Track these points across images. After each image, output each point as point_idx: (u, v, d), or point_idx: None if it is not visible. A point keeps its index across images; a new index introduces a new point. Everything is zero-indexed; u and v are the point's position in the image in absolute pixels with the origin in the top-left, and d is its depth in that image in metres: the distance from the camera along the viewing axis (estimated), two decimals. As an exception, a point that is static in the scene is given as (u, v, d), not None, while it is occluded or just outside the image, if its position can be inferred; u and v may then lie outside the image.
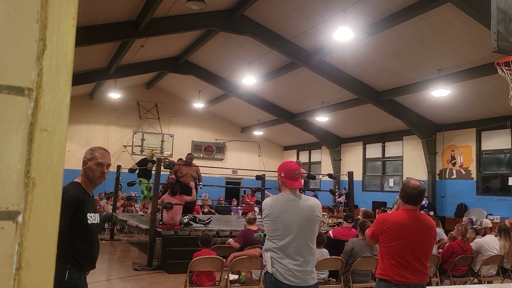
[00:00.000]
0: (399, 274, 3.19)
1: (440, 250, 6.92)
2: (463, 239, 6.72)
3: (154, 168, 11.66)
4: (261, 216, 3.49)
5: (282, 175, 3.40)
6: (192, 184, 9.34)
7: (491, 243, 6.89)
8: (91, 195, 3.06)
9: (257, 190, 12.61)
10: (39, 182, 0.65)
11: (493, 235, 7.14)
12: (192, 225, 8.84)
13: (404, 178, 13.51)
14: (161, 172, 8.96)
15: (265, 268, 3.39)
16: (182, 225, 8.67)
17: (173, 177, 9.59)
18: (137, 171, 11.69)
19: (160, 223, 8.81)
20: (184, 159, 10.42)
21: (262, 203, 3.54)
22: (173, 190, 8.72)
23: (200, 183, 9.91)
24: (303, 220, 3.29)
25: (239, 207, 14.89)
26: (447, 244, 6.82)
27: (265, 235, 3.53)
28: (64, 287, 2.74)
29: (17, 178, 0.63)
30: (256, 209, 12.95)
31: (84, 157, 2.94)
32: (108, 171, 2.99)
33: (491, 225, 7.36)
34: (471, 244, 6.95)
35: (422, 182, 3.48)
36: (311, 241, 3.33)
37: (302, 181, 3.51)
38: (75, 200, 2.82)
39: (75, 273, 2.82)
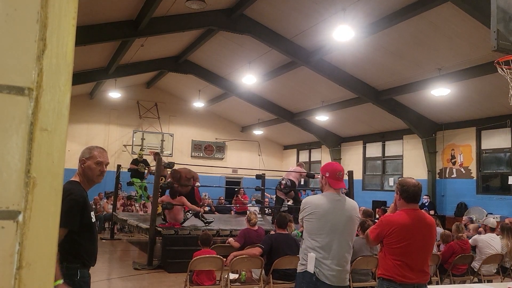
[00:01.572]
0: (402, 274, 3.19)
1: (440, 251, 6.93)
2: (461, 238, 6.72)
3: (143, 169, 11.76)
4: (301, 214, 3.47)
5: (327, 175, 3.43)
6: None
7: (490, 241, 6.88)
8: None
9: (257, 189, 12.60)
10: (40, 182, 0.65)
11: (494, 234, 7.13)
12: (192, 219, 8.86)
13: (405, 177, 13.48)
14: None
15: (302, 268, 3.36)
16: (185, 220, 8.68)
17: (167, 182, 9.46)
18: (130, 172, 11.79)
19: (162, 222, 8.83)
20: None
21: (303, 201, 3.53)
22: (172, 193, 8.69)
23: (197, 183, 9.81)
24: (347, 220, 3.34)
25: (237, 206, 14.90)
26: (446, 244, 6.82)
27: (302, 233, 3.54)
28: (76, 286, 2.78)
29: (17, 177, 0.63)
30: (256, 208, 12.96)
31: (81, 156, 2.93)
32: (106, 170, 3.01)
33: (493, 226, 7.34)
34: (469, 240, 6.97)
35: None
36: (351, 241, 3.42)
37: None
38: (83, 200, 2.85)
39: (84, 272, 2.87)
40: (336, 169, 3.47)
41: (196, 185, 9.74)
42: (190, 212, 8.84)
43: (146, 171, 12.08)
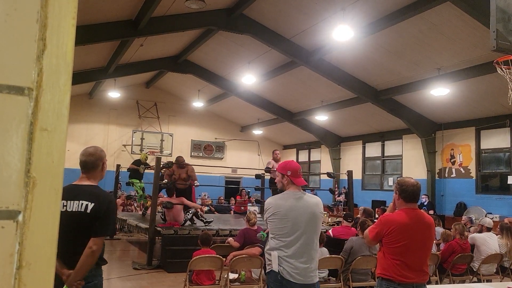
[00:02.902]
0: (401, 274, 3.20)
1: (438, 251, 6.93)
2: (461, 238, 6.73)
3: (142, 170, 11.76)
4: (264, 216, 3.47)
5: (289, 173, 3.42)
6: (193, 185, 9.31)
7: (488, 240, 6.88)
8: None
9: (257, 189, 12.62)
10: (39, 182, 0.65)
11: (491, 233, 7.13)
12: (195, 223, 8.83)
13: (404, 177, 13.46)
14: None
15: (268, 267, 3.38)
16: (187, 221, 8.66)
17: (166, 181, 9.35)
18: (129, 172, 11.78)
19: (162, 222, 8.82)
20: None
21: (266, 202, 3.53)
22: (169, 191, 8.68)
23: (196, 182, 9.73)
24: (310, 218, 3.31)
25: (240, 206, 14.90)
26: (446, 243, 6.82)
27: (267, 234, 3.53)
28: (101, 285, 2.96)
29: (17, 177, 0.63)
30: (256, 208, 12.96)
31: (103, 158, 2.99)
32: None
33: (490, 225, 7.32)
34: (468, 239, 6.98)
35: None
36: (316, 238, 3.37)
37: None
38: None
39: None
40: (297, 166, 3.48)
41: (195, 184, 9.69)
42: (190, 212, 8.82)
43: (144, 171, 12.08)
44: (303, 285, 3.21)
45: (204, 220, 9.03)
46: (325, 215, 14.02)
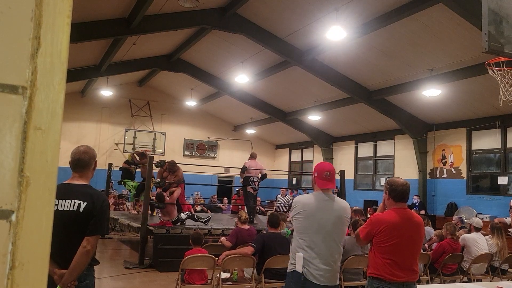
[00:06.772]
0: (392, 273, 3.22)
1: (430, 251, 6.97)
2: (452, 238, 6.78)
3: (134, 170, 11.75)
4: (291, 213, 3.49)
5: (316, 175, 3.46)
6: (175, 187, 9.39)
7: (478, 240, 6.93)
8: None
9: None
10: (33, 181, 0.65)
11: (480, 233, 7.18)
12: (185, 223, 8.81)
13: (393, 177, 13.51)
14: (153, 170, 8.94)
15: (291, 267, 3.38)
16: (182, 219, 8.63)
17: (158, 180, 9.40)
18: (121, 173, 11.76)
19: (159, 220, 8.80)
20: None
21: (294, 200, 3.55)
22: (159, 199, 8.53)
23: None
24: (336, 221, 3.34)
25: (230, 206, 14.89)
26: (438, 243, 6.87)
27: (292, 232, 3.55)
28: (93, 285, 2.96)
29: (10, 177, 0.63)
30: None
31: (95, 156, 2.98)
32: None
33: (479, 225, 7.36)
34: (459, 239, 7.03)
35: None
36: (340, 241, 3.41)
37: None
38: None
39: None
40: (324, 169, 3.46)
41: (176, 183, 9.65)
42: (185, 213, 8.84)
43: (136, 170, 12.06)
44: (326, 286, 3.23)
45: (204, 220, 9.00)
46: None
